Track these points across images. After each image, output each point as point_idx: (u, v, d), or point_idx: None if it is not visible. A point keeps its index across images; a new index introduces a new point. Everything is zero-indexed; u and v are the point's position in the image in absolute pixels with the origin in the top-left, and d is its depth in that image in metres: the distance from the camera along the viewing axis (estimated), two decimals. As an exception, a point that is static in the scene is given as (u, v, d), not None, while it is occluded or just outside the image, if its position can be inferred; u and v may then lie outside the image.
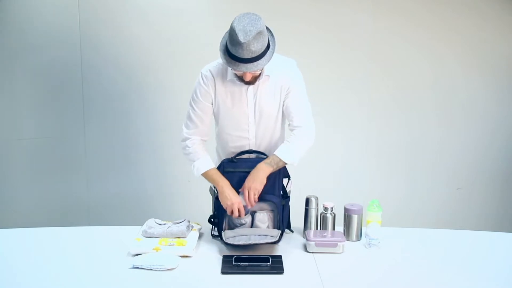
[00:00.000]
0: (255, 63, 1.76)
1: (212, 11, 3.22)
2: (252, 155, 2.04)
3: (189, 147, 2.00)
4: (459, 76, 3.36)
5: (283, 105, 2.01)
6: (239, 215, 1.90)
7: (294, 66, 2.01)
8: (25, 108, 3.20)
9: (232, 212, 1.89)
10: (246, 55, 1.72)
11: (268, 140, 2.06)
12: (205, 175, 1.99)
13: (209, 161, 2.01)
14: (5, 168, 3.23)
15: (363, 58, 3.30)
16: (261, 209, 1.99)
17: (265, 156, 2.00)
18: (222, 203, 1.92)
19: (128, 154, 3.32)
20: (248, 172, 1.96)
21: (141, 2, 3.18)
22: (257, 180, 1.88)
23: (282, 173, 1.99)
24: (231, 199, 1.89)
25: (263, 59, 1.77)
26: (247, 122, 2.00)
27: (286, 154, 1.93)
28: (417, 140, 3.42)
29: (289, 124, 2.02)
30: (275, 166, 1.92)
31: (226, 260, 1.75)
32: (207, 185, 2.21)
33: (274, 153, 1.94)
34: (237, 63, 1.76)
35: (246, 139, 2.03)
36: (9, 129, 3.20)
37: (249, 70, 1.77)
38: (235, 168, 1.98)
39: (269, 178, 1.94)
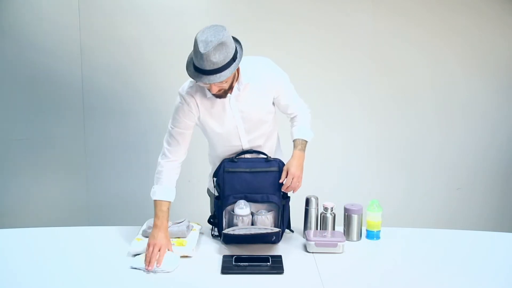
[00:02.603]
0: (217, 75, 1.70)
1: (212, 12, 3.22)
2: (252, 155, 2.03)
3: (162, 167, 1.95)
4: (459, 76, 3.36)
5: (273, 103, 2.01)
6: (149, 264, 1.71)
7: (270, 64, 1.96)
8: (25, 108, 3.20)
9: (148, 257, 1.73)
10: (207, 66, 1.68)
11: (263, 142, 2.05)
12: (155, 203, 1.89)
13: (168, 193, 1.91)
14: (5, 168, 3.23)
15: (363, 58, 3.30)
16: (262, 209, 1.99)
17: (265, 156, 2.01)
18: (148, 240, 1.79)
19: (128, 154, 3.31)
20: (249, 172, 1.96)
21: (141, 3, 3.18)
22: (299, 167, 1.94)
23: (282, 173, 1.99)
24: (157, 240, 1.76)
25: (226, 71, 1.71)
26: (237, 132, 1.98)
27: (305, 134, 2.03)
28: (417, 140, 3.42)
29: (287, 116, 2.09)
30: (305, 149, 2.01)
31: (226, 260, 1.75)
32: (207, 185, 2.21)
33: (296, 137, 2.01)
34: (200, 74, 1.71)
35: (239, 146, 2.02)
36: (9, 129, 3.20)
37: (211, 81, 1.72)
38: (236, 168, 1.98)
39: (269, 177, 1.94)
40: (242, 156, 2.02)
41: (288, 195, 2.04)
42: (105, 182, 3.33)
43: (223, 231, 1.88)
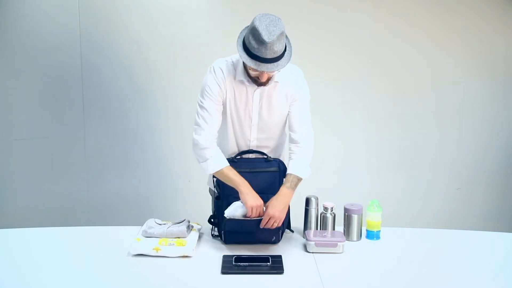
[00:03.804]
0: (275, 64, 1.76)
1: (212, 11, 3.22)
2: (252, 155, 2.04)
3: (204, 142, 1.91)
4: (459, 76, 3.36)
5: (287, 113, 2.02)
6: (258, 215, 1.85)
7: (301, 76, 2.01)
8: (25, 108, 3.20)
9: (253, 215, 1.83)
10: (269, 55, 1.72)
11: (269, 144, 2.06)
12: (221, 173, 1.92)
13: (223, 159, 1.94)
14: (5, 168, 3.23)
15: (363, 58, 3.30)
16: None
17: (265, 156, 2.01)
18: (246, 204, 1.83)
19: (128, 154, 3.32)
20: (249, 172, 1.96)
21: (141, 3, 3.18)
22: (281, 208, 1.85)
23: (282, 173, 1.99)
24: (256, 202, 1.84)
25: (282, 59, 1.77)
26: (250, 124, 2.00)
27: (301, 170, 1.94)
28: (417, 140, 3.42)
29: (289, 134, 2.03)
30: (295, 187, 1.92)
31: (226, 260, 1.75)
32: (207, 185, 2.21)
33: (289, 172, 1.94)
34: (258, 62, 1.75)
35: (247, 140, 2.03)
36: (9, 129, 3.20)
37: (270, 70, 1.77)
38: (236, 168, 1.97)
39: (269, 177, 1.95)
40: (244, 156, 2.02)
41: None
42: (105, 182, 3.33)
43: (225, 215, 1.86)
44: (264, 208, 1.86)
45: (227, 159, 2.01)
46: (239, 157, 2.01)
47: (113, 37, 3.17)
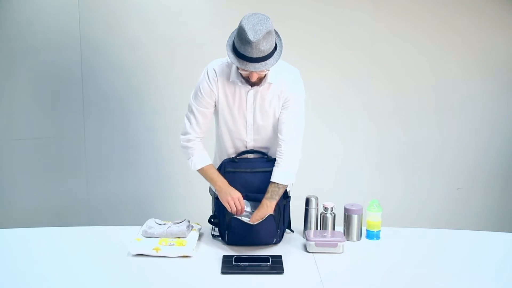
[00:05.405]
0: (263, 63, 1.75)
1: (211, 12, 3.22)
2: (252, 155, 2.04)
3: (188, 142, 2.00)
4: (459, 76, 3.36)
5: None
6: (240, 212, 1.90)
7: (297, 76, 1.98)
8: (25, 108, 3.20)
9: (232, 208, 1.89)
10: (255, 54, 1.72)
11: (267, 145, 2.06)
12: (202, 171, 1.99)
13: (206, 157, 2.01)
14: (5, 168, 3.23)
15: (363, 58, 3.30)
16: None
17: (266, 157, 2.01)
18: (221, 201, 1.91)
19: (128, 154, 3.32)
20: (249, 172, 1.96)
21: (140, 3, 3.18)
22: (261, 218, 1.86)
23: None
24: (231, 194, 1.89)
25: (271, 59, 1.77)
26: (246, 125, 2.00)
27: (283, 178, 1.92)
28: (417, 140, 3.42)
29: (278, 134, 1.99)
30: (277, 197, 1.91)
31: (226, 260, 1.75)
32: (207, 185, 2.21)
33: (272, 180, 1.92)
34: (245, 62, 1.75)
35: (244, 141, 2.03)
36: (9, 129, 3.20)
37: (257, 69, 1.77)
38: (236, 168, 1.98)
39: (270, 177, 1.94)
40: (244, 156, 2.02)
41: (289, 195, 2.04)
42: (105, 182, 3.33)
43: (233, 216, 1.87)
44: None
45: (227, 159, 2.02)
46: (239, 157, 2.01)
47: (113, 37, 3.17)
